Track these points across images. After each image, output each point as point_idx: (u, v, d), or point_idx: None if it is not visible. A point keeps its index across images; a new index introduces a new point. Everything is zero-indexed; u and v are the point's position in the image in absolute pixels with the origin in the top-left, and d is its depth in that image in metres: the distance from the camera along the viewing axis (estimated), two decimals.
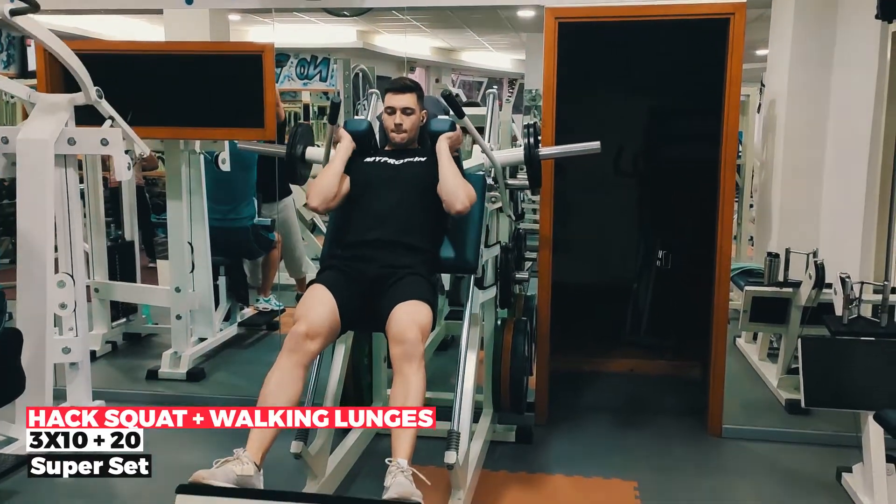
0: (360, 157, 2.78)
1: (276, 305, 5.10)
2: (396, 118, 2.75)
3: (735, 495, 2.90)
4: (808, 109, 4.96)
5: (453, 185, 2.59)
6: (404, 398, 2.17)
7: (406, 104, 2.75)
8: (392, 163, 2.75)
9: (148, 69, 3.73)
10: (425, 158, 2.76)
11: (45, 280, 3.05)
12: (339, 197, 2.68)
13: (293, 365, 2.26)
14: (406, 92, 2.75)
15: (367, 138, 2.86)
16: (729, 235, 3.36)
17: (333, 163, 2.72)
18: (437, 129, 2.78)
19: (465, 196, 2.58)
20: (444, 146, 2.71)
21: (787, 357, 3.81)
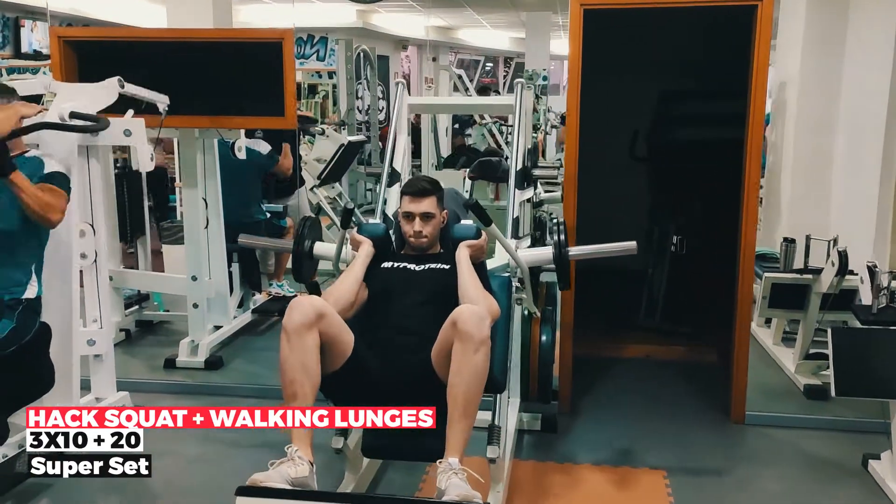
0: (377, 261, 2.60)
1: (288, 291, 5.09)
2: (416, 225, 2.57)
3: (764, 484, 2.92)
4: (819, 93, 4.96)
5: (474, 300, 2.33)
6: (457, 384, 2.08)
7: (426, 209, 2.57)
8: (412, 269, 2.57)
9: (164, 57, 3.67)
10: (448, 266, 2.55)
11: (70, 273, 3.02)
12: (356, 305, 2.47)
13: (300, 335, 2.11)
14: (425, 196, 2.57)
15: (385, 242, 2.69)
16: (753, 223, 3.36)
17: (353, 269, 2.52)
18: (460, 235, 2.60)
19: (487, 312, 2.26)
20: (464, 256, 2.50)
21: (804, 343, 3.83)
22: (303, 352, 2.10)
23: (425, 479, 2.89)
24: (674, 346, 4.44)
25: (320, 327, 2.15)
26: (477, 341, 2.09)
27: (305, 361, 2.10)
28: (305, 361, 2.10)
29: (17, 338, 2.62)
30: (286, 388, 2.10)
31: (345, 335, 2.25)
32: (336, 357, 2.22)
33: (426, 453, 2.24)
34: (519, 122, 3.19)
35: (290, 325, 2.11)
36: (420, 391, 2.22)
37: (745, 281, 3.42)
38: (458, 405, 2.08)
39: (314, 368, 2.12)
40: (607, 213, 4.82)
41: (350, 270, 2.53)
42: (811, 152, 4.99)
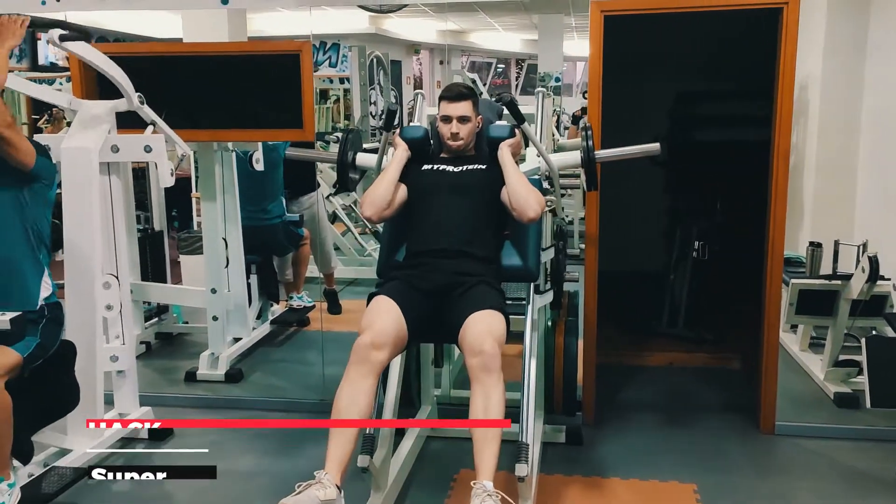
0: (417, 164, 2.73)
1: (307, 302, 5.07)
2: (453, 127, 2.70)
3: (798, 497, 2.86)
4: (842, 93, 4.90)
5: (525, 194, 2.53)
6: (485, 413, 2.13)
7: (462, 112, 2.69)
8: (451, 170, 2.70)
9: (182, 71, 3.66)
10: (485, 166, 2.70)
11: (93, 290, 3.01)
12: (393, 206, 2.64)
13: (361, 376, 2.22)
14: (461, 100, 2.69)
15: (424, 145, 2.81)
16: (782, 227, 3.30)
17: (388, 171, 2.67)
18: (497, 135, 2.72)
19: (537, 203, 2.53)
20: (507, 154, 2.65)
21: (834, 350, 3.77)
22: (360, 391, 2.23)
23: (450, 495, 2.86)
24: (697, 352, 4.38)
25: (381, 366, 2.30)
26: (496, 376, 2.21)
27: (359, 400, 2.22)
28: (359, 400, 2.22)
29: (42, 352, 2.61)
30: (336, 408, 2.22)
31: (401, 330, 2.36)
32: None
33: None
34: (540, 132, 3.15)
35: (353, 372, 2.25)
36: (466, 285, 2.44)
37: (773, 287, 3.36)
38: (485, 435, 2.13)
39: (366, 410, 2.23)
40: (628, 217, 4.78)
41: (385, 173, 2.67)
42: (835, 153, 4.93)
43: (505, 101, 2.62)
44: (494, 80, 16.10)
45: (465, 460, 2.22)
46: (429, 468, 3.07)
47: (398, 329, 2.34)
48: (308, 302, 5.07)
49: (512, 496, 2.21)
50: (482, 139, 2.80)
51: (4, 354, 2.44)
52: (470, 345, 2.24)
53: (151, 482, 2.99)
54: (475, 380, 2.21)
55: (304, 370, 4.26)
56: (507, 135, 2.71)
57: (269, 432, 3.46)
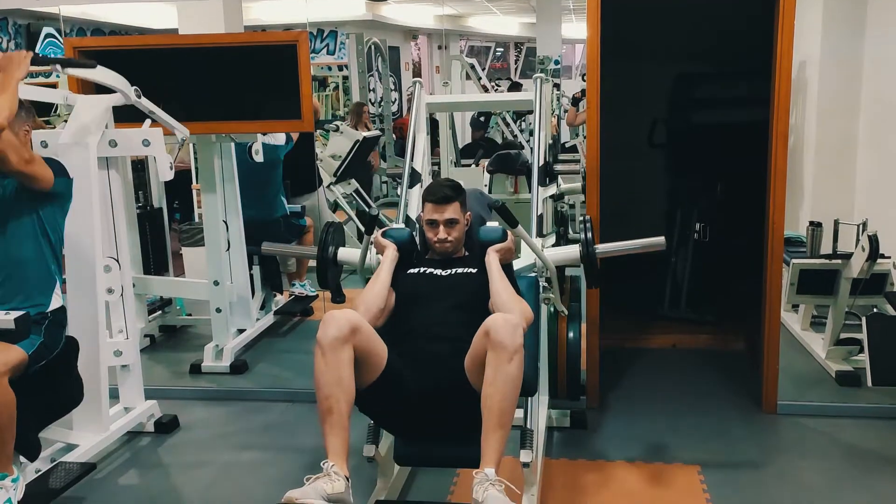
0: (402, 268, 2.57)
1: (310, 291, 5.08)
2: (441, 232, 2.54)
3: (803, 477, 2.88)
4: (841, 73, 4.88)
5: (508, 306, 2.31)
6: (492, 395, 2.05)
7: (450, 216, 2.52)
8: (439, 274, 2.53)
9: (179, 64, 3.65)
10: (475, 270, 2.52)
11: (94, 285, 3.02)
12: (386, 312, 2.45)
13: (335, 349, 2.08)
14: (448, 203, 2.52)
15: (409, 247, 2.66)
16: (782, 208, 3.30)
17: (379, 276, 2.49)
18: (487, 238, 2.55)
19: (522, 318, 2.25)
20: (494, 260, 2.47)
21: (835, 328, 3.78)
22: (338, 366, 2.07)
23: (456, 482, 2.88)
24: (699, 334, 4.39)
25: (355, 341, 2.12)
26: (511, 351, 2.06)
27: (341, 376, 2.07)
28: (341, 376, 2.07)
29: (46, 352, 2.62)
30: (321, 402, 2.08)
31: (378, 347, 2.22)
32: (371, 370, 2.20)
33: (459, 460, 2.23)
34: (539, 118, 3.14)
35: (325, 340, 2.09)
36: (454, 400, 2.20)
37: (773, 267, 3.36)
38: (493, 415, 2.05)
39: (349, 383, 2.09)
40: (628, 201, 4.77)
41: (377, 277, 2.51)
42: (834, 133, 4.92)
43: (496, 206, 2.42)
44: (493, 63, 16.03)
45: None
46: None
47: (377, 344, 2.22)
48: (311, 291, 5.09)
49: (517, 481, 2.21)
50: (472, 239, 2.64)
51: (9, 351, 2.45)
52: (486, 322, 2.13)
53: (159, 477, 3.04)
54: (489, 363, 2.09)
55: (308, 360, 4.14)
56: (499, 238, 2.55)
57: (277, 424, 3.48)
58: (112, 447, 3.20)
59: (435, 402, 2.22)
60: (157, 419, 3.39)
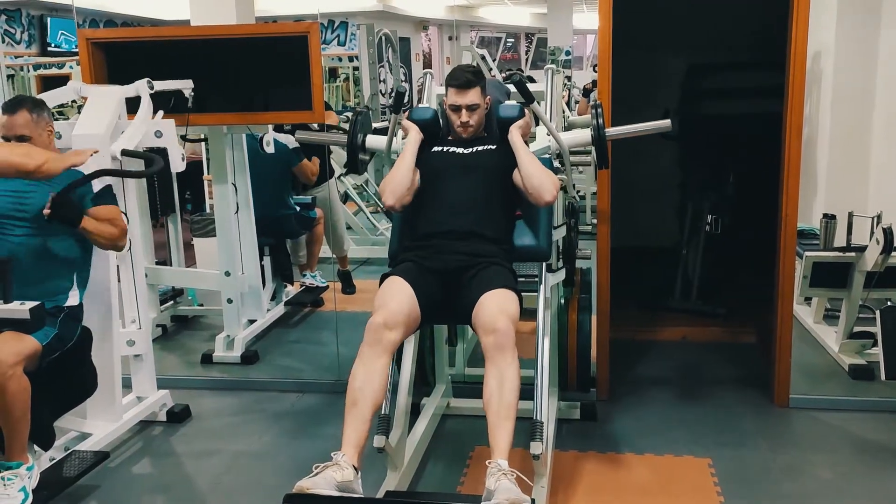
0: (427, 146, 2.72)
1: (321, 282, 5.09)
2: (462, 116, 2.67)
3: (815, 472, 2.86)
4: (856, 62, 4.83)
5: (540, 178, 2.53)
6: (500, 391, 2.13)
7: (471, 100, 2.66)
8: (461, 152, 2.69)
9: (191, 55, 3.64)
10: (495, 146, 2.69)
11: (108, 276, 3.04)
12: (412, 191, 2.63)
13: (375, 356, 2.22)
14: (469, 87, 2.65)
15: (434, 127, 2.79)
16: (795, 200, 3.28)
17: (404, 157, 2.65)
18: (507, 115, 2.70)
19: (553, 185, 2.52)
20: (517, 137, 2.64)
21: (848, 322, 3.75)
22: (374, 371, 2.21)
23: (466, 474, 2.89)
24: (711, 327, 4.37)
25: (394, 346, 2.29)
26: (511, 352, 2.20)
27: (374, 379, 2.20)
28: (374, 379, 2.20)
29: (60, 344, 2.64)
30: (351, 392, 2.18)
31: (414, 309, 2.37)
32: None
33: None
34: (550, 109, 3.13)
35: (367, 352, 2.24)
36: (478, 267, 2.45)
37: (786, 259, 3.34)
38: (501, 410, 2.12)
39: (380, 389, 2.21)
40: (640, 192, 4.75)
41: (401, 159, 2.66)
42: (848, 124, 4.87)
43: (514, 80, 2.60)
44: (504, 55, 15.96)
45: (481, 438, 2.23)
46: (444, 447, 3.10)
47: (411, 309, 2.34)
48: (321, 282, 5.10)
49: (527, 473, 2.22)
50: (492, 119, 2.78)
51: (23, 341, 2.47)
52: (483, 324, 2.25)
53: (171, 466, 3.06)
54: (489, 359, 2.21)
55: (319, 350, 4.29)
56: (517, 115, 2.69)
57: (287, 413, 3.50)
58: (125, 436, 3.22)
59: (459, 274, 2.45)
60: (170, 409, 3.42)
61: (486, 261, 2.45)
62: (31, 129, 2.68)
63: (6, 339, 2.44)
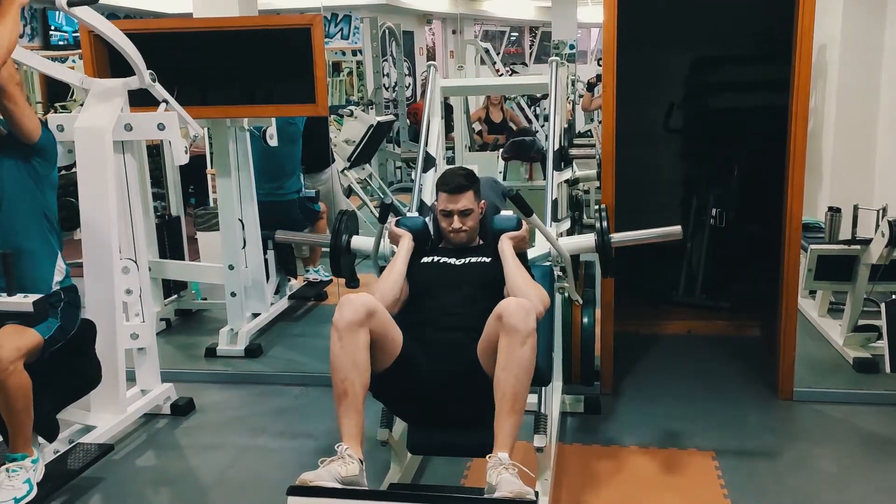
0: (416, 256, 2.55)
1: (324, 276, 5.09)
2: (455, 222, 2.52)
3: (819, 464, 2.86)
4: (862, 56, 4.80)
5: (524, 292, 2.29)
6: (505, 380, 2.05)
7: (464, 206, 2.50)
8: (453, 263, 2.52)
9: (192, 48, 3.65)
10: (490, 259, 2.50)
11: (112, 268, 3.04)
12: (400, 302, 2.44)
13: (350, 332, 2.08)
14: (462, 192, 2.49)
15: (423, 236, 2.64)
16: (800, 193, 3.26)
17: (395, 266, 2.47)
18: (501, 227, 2.53)
19: (539, 301, 2.28)
20: (507, 247, 2.44)
21: (853, 315, 3.74)
22: (354, 349, 2.07)
23: (470, 467, 2.89)
24: (715, 320, 4.37)
25: (371, 325, 2.12)
26: (523, 334, 2.05)
27: (356, 359, 2.08)
28: (356, 359, 2.08)
29: (63, 335, 2.65)
30: (337, 385, 2.08)
31: (394, 332, 2.22)
32: (386, 355, 2.20)
33: (472, 449, 2.23)
34: (555, 102, 3.12)
35: (342, 323, 2.08)
36: (468, 388, 2.20)
37: (791, 253, 3.33)
38: (506, 400, 2.05)
39: (365, 366, 2.09)
40: (644, 186, 4.74)
41: (392, 266, 2.49)
42: (854, 117, 4.84)
43: (509, 195, 2.38)
44: (508, 48, 15.94)
45: None
46: None
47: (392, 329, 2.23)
48: (325, 276, 5.10)
49: (530, 466, 2.21)
50: (487, 226, 2.62)
51: (25, 335, 2.47)
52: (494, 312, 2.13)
53: (175, 459, 3.06)
54: (500, 343, 2.08)
55: (322, 344, 4.19)
56: (514, 227, 2.52)
57: (291, 407, 3.50)
58: (129, 429, 3.23)
59: (449, 390, 2.22)
60: (174, 402, 3.42)
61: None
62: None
63: (7, 334, 2.44)
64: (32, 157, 2.62)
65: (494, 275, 2.43)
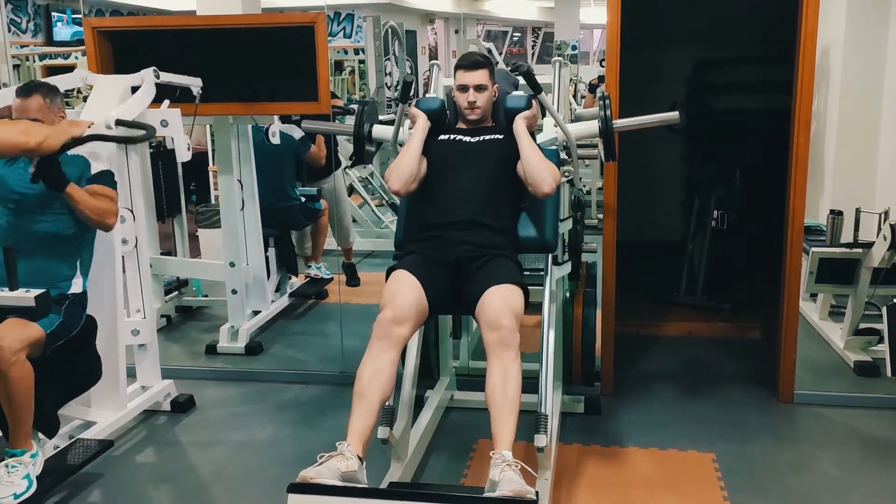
0: (434, 135, 2.72)
1: (325, 274, 5.09)
2: (470, 96, 2.68)
3: (819, 467, 2.85)
4: (865, 58, 4.80)
5: (539, 168, 2.52)
6: (503, 387, 2.13)
7: (479, 81, 2.67)
8: (467, 140, 2.69)
9: (197, 45, 3.64)
10: (502, 136, 2.68)
11: (113, 265, 3.03)
12: (418, 178, 2.62)
13: (383, 351, 2.22)
14: (478, 68, 2.66)
15: (441, 116, 2.79)
16: (802, 196, 3.26)
17: (412, 143, 2.64)
18: (514, 106, 2.70)
19: (552, 178, 2.51)
20: (521, 126, 2.63)
21: (854, 318, 3.74)
22: (383, 365, 2.21)
23: (470, 465, 2.89)
24: (716, 322, 4.36)
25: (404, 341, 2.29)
26: (514, 351, 2.20)
27: (382, 372, 2.20)
28: (382, 372, 2.20)
29: (65, 332, 2.64)
30: (359, 382, 2.18)
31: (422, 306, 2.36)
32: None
33: None
34: (557, 101, 3.12)
35: (375, 346, 2.23)
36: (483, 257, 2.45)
37: (793, 255, 3.33)
38: (505, 406, 2.13)
39: (388, 382, 2.21)
40: (646, 187, 4.74)
41: (409, 145, 2.65)
42: (856, 120, 4.84)
43: (521, 71, 2.58)
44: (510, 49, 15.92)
45: (484, 430, 2.22)
46: (448, 438, 3.10)
47: (419, 303, 2.34)
48: (326, 274, 5.10)
49: (531, 466, 2.21)
50: (499, 110, 2.77)
51: (27, 328, 2.47)
52: (488, 320, 2.24)
53: (175, 455, 3.06)
54: (492, 354, 2.21)
55: (323, 342, 4.29)
56: (524, 106, 2.69)
57: (291, 405, 3.50)
58: (129, 425, 3.23)
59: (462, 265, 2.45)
60: (174, 398, 3.42)
61: (492, 252, 2.45)
62: (43, 113, 2.68)
63: (10, 326, 2.44)
64: None
65: (507, 150, 2.63)
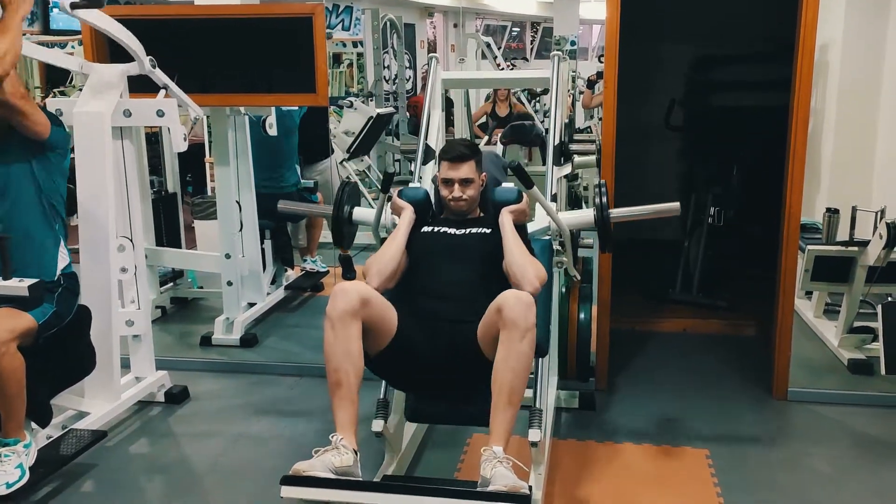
0: (417, 226, 2.57)
1: (321, 267, 5.09)
2: (455, 191, 2.53)
3: (811, 464, 2.86)
4: (863, 55, 4.80)
5: (522, 267, 2.32)
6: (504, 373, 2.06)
7: (464, 175, 2.52)
8: (453, 233, 2.53)
9: (193, 35, 3.62)
10: (490, 231, 2.51)
11: (107, 254, 3.03)
12: (398, 274, 2.45)
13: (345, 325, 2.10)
14: (463, 161, 2.51)
15: (425, 206, 2.67)
16: (799, 194, 3.26)
17: (396, 237, 2.49)
18: (502, 199, 2.55)
19: (537, 278, 2.30)
20: (507, 221, 2.45)
21: (849, 316, 3.74)
22: (347, 340, 2.09)
23: (463, 460, 2.89)
24: (711, 319, 4.37)
25: (364, 314, 2.13)
26: (523, 329, 2.06)
27: (350, 349, 2.09)
28: (350, 349, 2.09)
29: (57, 320, 2.64)
30: (331, 375, 2.09)
31: (389, 315, 2.25)
32: (382, 336, 2.22)
33: (471, 418, 2.31)
34: (556, 97, 3.11)
35: (335, 313, 2.10)
36: (466, 363, 2.24)
37: (789, 253, 3.33)
38: (503, 394, 2.06)
39: (358, 356, 2.11)
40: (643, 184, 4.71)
41: (393, 238, 2.51)
42: (854, 118, 4.85)
43: (511, 166, 2.41)
44: (509, 43, 15.88)
45: None
46: (442, 432, 3.09)
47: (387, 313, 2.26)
48: (322, 267, 5.09)
49: (525, 461, 2.21)
50: (487, 201, 2.64)
51: (19, 318, 2.46)
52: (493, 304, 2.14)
53: (169, 446, 3.06)
54: (500, 337, 2.09)
55: (318, 335, 4.17)
56: (514, 199, 2.53)
57: (285, 397, 3.50)
58: (123, 416, 3.22)
59: (447, 365, 2.26)
60: (168, 389, 3.41)
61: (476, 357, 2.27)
62: None
63: (1, 316, 2.43)
64: (44, 150, 2.62)
65: (494, 246, 2.45)
